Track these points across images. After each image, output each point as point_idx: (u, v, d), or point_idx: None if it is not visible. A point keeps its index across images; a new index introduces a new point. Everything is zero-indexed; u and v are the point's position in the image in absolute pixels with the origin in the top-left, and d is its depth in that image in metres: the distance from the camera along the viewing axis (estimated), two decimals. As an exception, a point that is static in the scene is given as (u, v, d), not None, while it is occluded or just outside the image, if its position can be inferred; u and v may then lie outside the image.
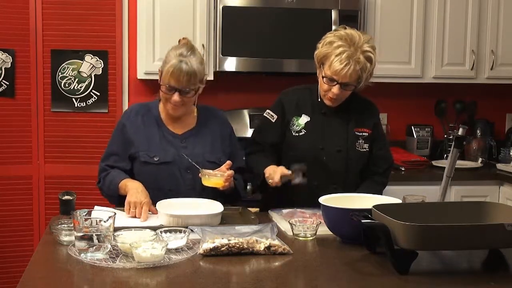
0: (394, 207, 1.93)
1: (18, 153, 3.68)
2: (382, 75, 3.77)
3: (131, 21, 3.75)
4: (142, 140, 2.46)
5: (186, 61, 2.36)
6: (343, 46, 2.39)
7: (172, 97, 2.39)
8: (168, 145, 2.46)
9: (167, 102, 2.43)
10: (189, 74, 2.36)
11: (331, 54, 2.40)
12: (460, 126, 2.39)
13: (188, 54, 2.39)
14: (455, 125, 4.00)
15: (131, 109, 2.58)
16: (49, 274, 1.74)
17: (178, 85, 2.37)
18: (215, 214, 2.21)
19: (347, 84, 2.43)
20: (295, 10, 3.56)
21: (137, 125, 2.49)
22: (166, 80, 2.38)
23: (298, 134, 2.55)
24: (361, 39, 2.41)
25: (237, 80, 3.95)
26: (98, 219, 1.83)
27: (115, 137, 2.53)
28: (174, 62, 2.36)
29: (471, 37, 3.83)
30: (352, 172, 2.54)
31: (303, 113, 2.57)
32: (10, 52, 3.63)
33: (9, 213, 3.67)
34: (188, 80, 2.36)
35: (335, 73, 2.40)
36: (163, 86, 2.40)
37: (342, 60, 2.37)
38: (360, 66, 2.39)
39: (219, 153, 2.50)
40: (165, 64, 2.39)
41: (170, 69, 2.35)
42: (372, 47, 2.44)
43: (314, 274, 1.77)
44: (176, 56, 2.38)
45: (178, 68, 2.35)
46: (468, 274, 1.82)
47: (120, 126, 2.52)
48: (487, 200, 3.43)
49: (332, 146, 2.53)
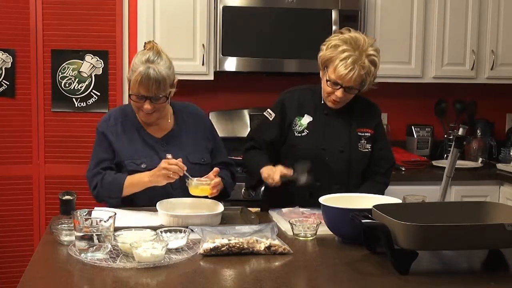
0: (394, 207, 1.93)
1: (18, 153, 3.68)
2: (382, 75, 3.73)
3: (131, 21, 3.75)
4: (125, 148, 2.42)
5: (153, 68, 2.30)
6: (348, 50, 2.39)
7: (144, 106, 2.34)
8: (151, 150, 2.44)
9: (139, 110, 2.39)
10: (158, 81, 2.30)
11: (336, 58, 2.40)
12: (460, 126, 2.39)
13: (155, 59, 2.33)
14: (455, 125, 4.00)
15: (109, 117, 2.51)
16: (49, 274, 1.74)
17: (148, 94, 2.32)
18: (215, 214, 2.21)
19: (351, 88, 2.43)
20: (295, 10, 3.56)
21: (117, 133, 2.44)
22: (135, 89, 2.33)
23: (301, 134, 2.55)
24: (366, 42, 2.41)
25: (237, 80, 3.95)
26: (98, 219, 1.83)
27: (99, 145, 2.46)
28: (141, 69, 2.30)
29: (471, 37, 3.84)
30: (354, 173, 2.54)
31: (305, 113, 2.56)
32: (10, 52, 3.63)
33: (9, 213, 3.67)
34: (157, 87, 2.31)
35: (340, 78, 2.39)
36: (133, 95, 2.35)
37: (347, 65, 2.37)
38: (365, 71, 2.39)
39: (202, 152, 2.49)
40: (133, 72, 2.33)
41: (138, 78, 2.29)
42: (376, 50, 2.44)
43: (314, 274, 1.78)
44: (143, 62, 2.31)
45: (146, 76, 2.29)
46: (468, 274, 1.82)
47: (101, 136, 2.45)
48: (487, 200, 3.42)
49: (334, 147, 2.53)
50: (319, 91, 2.56)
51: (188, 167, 2.32)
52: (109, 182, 2.38)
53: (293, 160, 2.47)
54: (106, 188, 2.38)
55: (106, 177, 2.39)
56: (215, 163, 2.53)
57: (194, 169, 2.37)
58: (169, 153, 2.35)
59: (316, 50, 2.51)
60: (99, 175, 2.40)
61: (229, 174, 2.55)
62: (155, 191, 2.34)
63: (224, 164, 2.56)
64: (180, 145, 2.47)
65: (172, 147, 2.44)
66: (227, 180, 2.50)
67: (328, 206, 2.03)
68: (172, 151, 2.38)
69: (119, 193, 2.37)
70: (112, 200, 2.40)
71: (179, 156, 2.35)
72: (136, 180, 2.35)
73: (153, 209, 2.28)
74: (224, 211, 2.25)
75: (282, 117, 2.58)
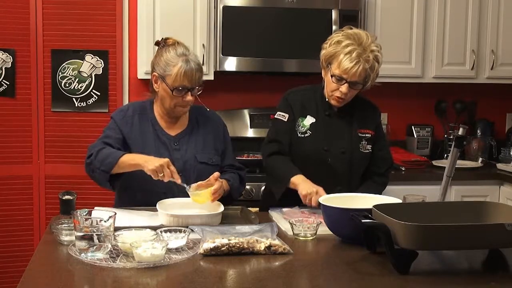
0: (394, 207, 1.93)
1: (18, 153, 3.68)
2: (382, 75, 3.72)
3: (131, 21, 3.75)
4: (137, 140, 2.45)
5: (191, 59, 2.38)
6: (352, 44, 2.39)
7: (186, 98, 2.39)
8: (162, 147, 2.45)
9: (175, 105, 2.41)
10: (199, 70, 2.41)
11: (340, 53, 2.40)
12: (460, 126, 2.39)
13: (188, 52, 2.41)
14: (455, 125, 4.00)
15: (127, 107, 2.55)
16: (49, 274, 1.74)
17: (191, 84, 2.39)
18: (216, 214, 2.21)
19: (355, 83, 2.42)
20: (295, 10, 3.56)
21: (132, 124, 2.47)
22: (178, 82, 2.37)
23: (304, 135, 2.54)
24: (368, 38, 2.41)
25: (237, 80, 3.95)
26: (98, 219, 1.83)
27: (109, 129, 2.46)
28: (182, 63, 2.36)
29: (471, 37, 3.84)
30: (355, 174, 2.55)
31: (308, 114, 2.56)
32: (10, 52, 3.63)
33: (9, 213, 3.67)
34: (199, 76, 2.41)
35: (345, 72, 2.39)
36: (176, 89, 2.38)
37: (352, 58, 2.37)
38: (369, 65, 2.39)
39: (211, 153, 2.50)
40: (171, 67, 2.37)
41: (181, 71, 2.36)
42: (379, 46, 2.45)
43: (314, 274, 1.78)
44: (179, 56, 2.38)
45: (189, 68, 2.37)
46: (468, 274, 1.81)
47: (114, 124, 2.47)
48: (487, 200, 3.43)
49: (336, 148, 2.52)
50: (320, 92, 2.56)
51: (195, 166, 2.39)
52: (105, 154, 2.34)
53: (295, 160, 2.47)
54: (100, 159, 2.33)
55: (104, 150, 2.36)
56: (223, 165, 2.54)
57: (202, 169, 2.41)
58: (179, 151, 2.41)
59: (316, 50, 2.51)
60: (99, 147, 2.38)
61: (237, 178, 2.54)
62: (155, 191, 2.35)
63: (232, 167, 2.57)
64: (190, 143, 2.49)
65: (183, 145, 2.48)
66: (234, 183, 2.49)
67: (328, 206, 2.03)
68: (183, 150, 2.44)
69: (111, 166, 2.31)
70: (101, 174, 2.34)
71: (188, 154, 2.41)
72: (131, 157, 2.32)
73: (153, 209, 2.28)
74: (224, 211, 2.25)
75: (293, 117, 2.56)
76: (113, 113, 2.56)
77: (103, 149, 2.36)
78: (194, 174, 2.43)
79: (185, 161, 2.44)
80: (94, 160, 2.35)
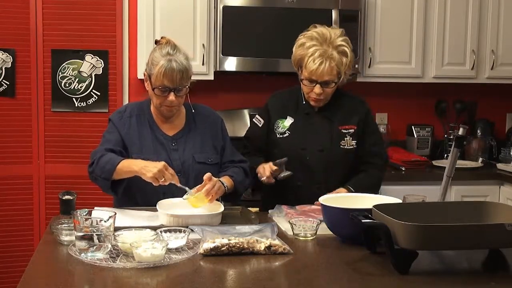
0: (394, 207, 1.93)
1: (18, 153, 3.68)
2: (382, 75, 3.78)
3: (131, 21, 3.75)
4: (135, 142, 2.45)
5: (174, 59, 2.36)
6: (314, 45, 2.42)
7: (168, 98, 2.38)
8: (160, 147, 2.45)
9: (161, 105, 2.41)
10: (181, 71, 2.36)
11: (305, 55, 2.44)
12: (461, 126, 2.39)
13: (174, 52, 2.39)
14: (456, 125, 3.99)
15: (125, 108, 2.56)
16: (49, 274, 1.74)
17: (173, 85, 2.36)
18: (216, 214, 2.21)
19: (327, 82, 2.45)
20: (295, 10, 3.56)
21: (130, 125, 2.47)
22: (159, 82, 2.36)
23: (282, 135, 2.58)
24: (332, 34, 2.43)
25: (237, 80, 3.95)
26: (98, 219, 1.83)
27: (109, 133, 2.48)
28: (163, 62, 2.35)
29: (472, 37, 3.84)
30: (334, 171, 2.55)
31: (288, 115, 2.59)
32: (10, 52, 3.63)
33: (9, 213, 3.67)
34: (181, 77, 2.36)
35: (312, 74, 2.42)
36: (156, 88, 2.38)
37: (315, 59, 2.40)
38: (336, 62, 2.41)
39: (209, 152, 2.50)
40: (154, 66, 2.37)
41: (162, 70, 2.34)
42: (345, 41, 2.46)
43: (314, 274, 1.78)
44: (164, 55, 2.37)
45: (170, 68, 2.34)
46: (468, 274, 1.81)
47: (112, 126, 2.48)
48: (487, 200, 3.42)
49: (314, 146, 2.54)
50: (301, 92, 2.58)
51: (194, 166, 2.38)
52: (105, 161, 2.35)
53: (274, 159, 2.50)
54: (100, 166, 2.35)
55: (104, 157, 2.36)
56: (224, 161, 2.55)
57: (200, 169, 2.41)
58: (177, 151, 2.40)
59: (316, 50, 2.52)
60: (100, 153, 2.39)
61: (240, 172, 2.52)
62: (154, 192, 2.35)
63: (233, 162, 2.56)
64: (188, 143, 2.49)
65: (181, 145, 2.47)
66: (237, 178, 2.47)
67: (328, 206, 2.03)
68: (180, 150, 2.44)
69: (110, 174, 2.32)
70: (103, 181, 2.35)
71: (186, 154, 2.41)
72: (127, 164, 2.31)
73: (153, 209, 2.28)
74: (224, 211, 2.25)
75: (267, 122, 2.62)
76: (111, 115, 2.57)
77: (103, 156, 2.36)
78: (193, 174, 2.43)
79: (183, 161, 2.44)
80: (96, 168, 2.36)
